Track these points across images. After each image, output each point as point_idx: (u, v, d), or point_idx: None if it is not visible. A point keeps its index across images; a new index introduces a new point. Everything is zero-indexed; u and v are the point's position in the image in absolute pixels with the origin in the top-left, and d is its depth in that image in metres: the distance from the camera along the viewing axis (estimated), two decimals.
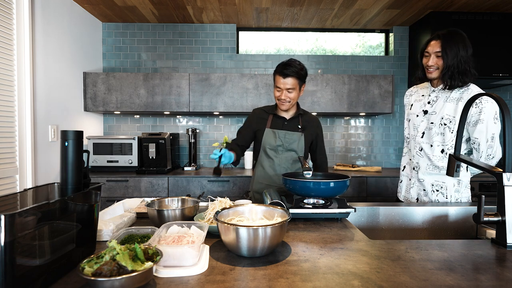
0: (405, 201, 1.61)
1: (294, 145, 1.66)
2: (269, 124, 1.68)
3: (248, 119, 1.75)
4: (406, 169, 1.62)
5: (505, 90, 3.31)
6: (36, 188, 0.78)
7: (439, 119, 1.43)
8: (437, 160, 1.45)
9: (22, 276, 0.56)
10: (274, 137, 1.65)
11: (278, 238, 0.81)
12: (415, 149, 1.53)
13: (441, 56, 1.38)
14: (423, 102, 1.52)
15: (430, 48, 1.42)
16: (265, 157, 1.69)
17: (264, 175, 1.69)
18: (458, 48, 1.36)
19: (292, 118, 1.70)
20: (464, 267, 0.76)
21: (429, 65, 1.43)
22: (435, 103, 1.47)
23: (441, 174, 1.45)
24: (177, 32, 3.24)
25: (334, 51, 3.42)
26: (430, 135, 1.46)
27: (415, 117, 1.54)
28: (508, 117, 0.90)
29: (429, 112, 1.48)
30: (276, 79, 1.59)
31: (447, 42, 1.37)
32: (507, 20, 2.86)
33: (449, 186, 1.45)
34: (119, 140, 2.80)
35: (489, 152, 1.36)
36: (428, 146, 1.47)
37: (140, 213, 1.22)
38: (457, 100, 1.41)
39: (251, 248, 0.78)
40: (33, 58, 2.15)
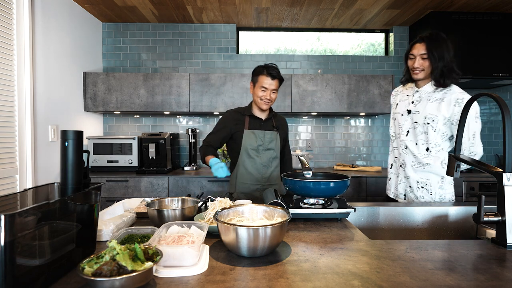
0: (394, 198, 1.66)
1: (272, 144, 1.77)
2: (247, 125, 1.75)
3: (224, 121, 1.76)
4: (393, 167, 1.66)
5: (505, 90, 3.31)
6: (36, 188, 0.78)
7: (423, 118, 1.47)
8: (422, 157, 1.50)
9: (22, 276, 0.56)
10: (254, 138, 1.73)
11: (278, 238, 0.81)
12: (401, 147, 1.58)
13: (427, 58, 1.43)
14: (408, 101, 1.57)
15: (415, 51, 1.46)
16: (246, 157, 1.75)
17: (247, 175, 1.75)
18: (443, 49, 1.41)
19: (267, 119, 1.80)
20: (464, 267, 0.76)
21: (415, 67, 1.47)
22: (419, 103, 1.51)
23: (426, 171, 1.50)
24: (177, 32, 3.24)
25: (334, 51, 3.42)
26: (415, 133, 1.51)
27: (400, 116, 1.59)
28: (508, 117, 0.90)
29: (413, 111, 1.53)
30: (262, 80, 1.66)
31: (432, 44, 1.42)
32: (507, 20, 2.86)
33: (434, 183, 1.50)
34: (119, 140, 2.80)
35: (471, 150, 1.42)
36: (413, 144, 1.52)
37: (140, 213, 1.22)
38: (439, 100, 1.45)
39: (251, 248, 0.78)
40: (33, 58, 2.15)
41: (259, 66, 1.70)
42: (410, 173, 1.54)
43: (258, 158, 1.74)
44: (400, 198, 1.62)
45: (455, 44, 2.85)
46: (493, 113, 3.33)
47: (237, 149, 1.76)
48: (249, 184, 1.75)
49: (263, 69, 1.66)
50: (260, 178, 1.75)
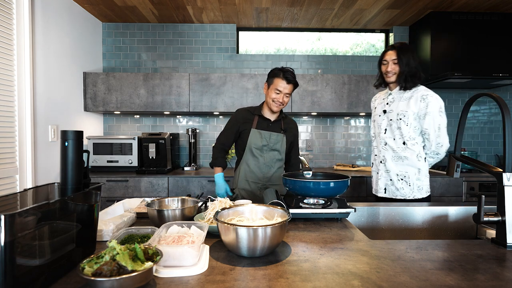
0: (375, 193, 1.81)
1: (278, 145, 1.77)
2: (255, 125, 1.77)
3: (234, 119, 1.81)
4: (375, 164, 1.83)
5: (505, 90, 3.31)
6: (36, 188, 0.78)
7: (396, 115, 1.67)
8: (400, 151, 1.67)
9: (22, 276, 0.56)
10: (260, 137, 1.75)
11: (278, 238, 0.81)
12: (381, 144, 1.76)
13: (397, 63, 1.64)
14: (383, 104, 1.77)
15: (388, 57, 1.67)
16: (250, 155, 1.77)
17: (249, 173, 1.78)
18: (409, 57, 1.62)
19: (276, 121, 1.81)
20: (464, 267, 0.76)
21: (388, 71, 1.67)
22: (392, 103, 1.71)
23: (405, 164, 1.66)
24: (177, 32, 3.24)
25: (334, 51, 3.42)
26: (391, 130, 1.70)
27: (378, 117, 1.78)
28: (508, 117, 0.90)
29: (388, 111, 1.72)
30: (278, 82, 1.67)
31: (401, 51, 1.63)
32: (507, 20, 2.86)
33: (411, 175, 1.66)
34: (119, 140, 2.79)
35: (438, 141, 1.61)
36: (391, 140, 1.70)
37: (140, 213, 1.22)
38: (408, 98, 1.65)
39: (251, 248, 0.78)
40: (33, 58, 2.15)
41: (276, 69, 1.70)
42: (390, 167, 1.70)
43: (262, 158, 1.76)
44: (380, 193, 1.75)
45: (455, 44, 2.86)
46: (493, 113, 3.33)
47: (243, 146, 1.79)
48: (250, 181, 1.78)
49: (279, 72, 1.67)
50: (262, 177, 1.78)
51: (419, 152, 1.65)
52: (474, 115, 3.33)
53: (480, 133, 3.34)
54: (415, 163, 1.64)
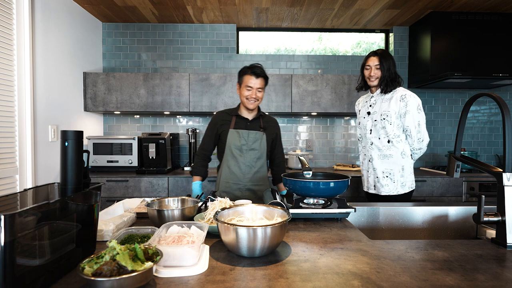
0: (366, 190, 1.89)
1: (256, 144, 1.76)
2: (233, 125, 1.77)
3: (212, 122, 1.82)
4: (364, 164, 1.91)
5: (505, 90, 3.31)
6: (36, 188, 0.78)
7: (379, 115, 1.78)
8: (385, 149, 1.78)
9: (22, 276, 0.56)
10: (238, 137, 1.74)
11: (278, 238, 0.81)
12: (367, 144, 1.85)
13: (379, 68, 1.76)
14: (366, 106, 1.88)
15: (371, 62, 1.79)
16: (230, 157, 1.76)
17: (230, 175, 1.76)
18: (390, 63, 1.76)
19: (254, 119, 1.80)
20: (464, 267, 0.76)
21: (371, 75, 1.79)
22: (375, 105, 1.83)
23: (390, 162, 1.77)
24: (177, 32, 3.23)
25: (334, 51, 3.42)
26: (376, 130, 1.80)
27: (363, 119, 1.89)
28: (508, 117, 0.90)
29: (371, 112, 1.83)
30: (246, 79, 1.69)
31: (383, 57, 1.75)
32: (507, 20, 2.86)
33: (396, 172, 1.77)
34: (119, 140, 2.79)
35: (418, 136, 1.73)
36: (376, 139, 1.80)
37: (140, 213, 1.22)
38: (389, 99, 1.77)
39: (251, 248, 0.78)
40: (33, 58, 2.15)
41: (244, 67, 1.73)
42: (377, 165, 1.80)
43: (241, 158, 1.74)
44: (371, 190, 1.85)
45: (455, 44, 2.86)
46: (493, 113, 3.33)
47: (223, 148, 1.78)
48: (231, 183, 1.75)
49: (247, 69, 1.69)
50: (242, 178, 1.75)
51: (403, 150, 1.76)
52: (474, 115, 3.33)
53: (480, 133, 3.34)
54: (399, 161, 1.76)
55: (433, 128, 3.32)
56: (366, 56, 1.83)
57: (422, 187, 2.65)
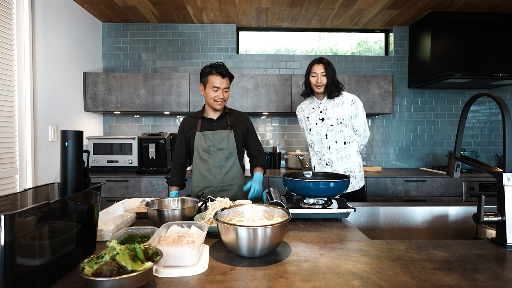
0: None
1: (224, 143, 1.71)
2: (199, 128, 1.73)
3: (179, 129, 1.79)
4: (317, 168, 1.99)
5: (505, 90, 3.31)
6: (36, 188, 0.78)
7: (335, 120, 1.88)
8: (343, 151, 1.89)
9: (22, 276, 0.56)
10: (204, 139, 1.70)
11: (278, 238, 0.81)
12: (323, 149, 1.92)
13: (325, 75, 1.85)
14: (316, 112, 1.94)
15: (317, 70, 1.86)
16: (199, 160, 1.72)
17: (200, 178, 1.72)
18: (332, 69, 1.87)
19: (219, 118, 1.75)
20: (464, 267, 0.76)
21: (318, 82, 1.85)
22: (326, 110, 1.91)
23: (349, 161, 1.90)
24: (177, 32, 3.23)
25: (334, 51, 3.42)
26: (333, 134, 1.89)
27: (315, 125, 1.94)
28: (508, 117, 0.90)
29: (325, 118, 1.90)
30: (212, 79, 1.63)
31: (327, 64, 1.86)
32: (507, 20, 2.86)
33: (355, 169, 1.90)
34: (119, 140, 2.79)
35: (365, 134, 1.94)
36: (333, 143, 1.90)
37: (140, 213, 1.22)
38: (340, 104, 1.89)
39: (251, 248, 0.78)
40: (33, 58, 2.15)
41: (206, 67, 1.67)
42: (337, 166, 1.90)
43: (210, 159, 1.70)
44: None
45: (455, 44, 2.86)
46: (493, 113, 3.33)
47: (192, 152, 1.75)
48: (202, 186, 1.71)
49: (211, 69, 1.64)
50: (213, 180, 1.70)
51: (356, 147, 1.92)
52: (474, 115, 3.33)
53: (480, 133, 3.34)
54: (356, 158, 1.91)
55: (433, 128, 3.32)
56: (311, 64, 1.90)
57: (422, 187, 2.65)
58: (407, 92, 3.30)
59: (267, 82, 2.89)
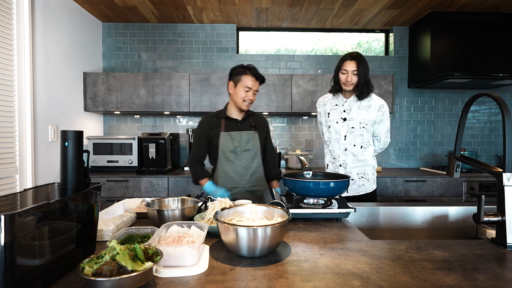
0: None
1: (250, 144, 1.71)
2: (223, 128, 1.70)
3: (200, 129, 1.75)
4: (330, 167, 1.92)
5: (505, 90, 3.31)
6: (36, 188, 0.78)
7: (358, 123, 1.78)
8: (360, 155, 1.81)
9: (22, 276, 0.56)
10: (230, 140, 1.68)
11: (278, 238, 0.81)
12: (339, 150, 1.84)
13: (356, 74, 1.71)
14: (339, 111, 1.84)
15: (348, 67, 1.72)
16: (224, 161, 1.70)
17: (227, 179, 1.71)
18: (366, 67, 1.72)
19: (244, 119, 1.76)
20: (464, 267, 0.76)
21: (347, 81, 1.73)
22: (350, 111, 1.80)
23: (364, 165, 1.83)
24: (177, 32, 3.23)
25: (334, 51, 3.42)
26: (352, 137, 1.80)
27: (335, 123, 1.84)
28: (508, 117, 0.90)
29: (348, 119, 1.81)
30: (245, 80, 1.64)
31: (360, 62, 1.70)
32: (507, 20, 2.86)
33: (369, 172, 1.85)
34: (119, 140, 2.79)
35: (385, 141, 1.87)
36: (351, 146, 1.81)
37: (140, 213, 1.22)
38: (367, 108, 1.78)
39: (251, 248, 0.78)
40: (33, 58, 2.15)
41: (239, 66, 1.67)
42: (351, 169, 1.83)
43: (237, 160, 1.69)
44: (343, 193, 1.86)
45: (455, 44, 2.86)
46: (493, 113, 3.33)
47: (215, 153, 1.72)
48: (229, 188, 1.69)
49: (245, 70, 1.64)
50: (240, 181, 1.70)
51: (372, 152, 1.86)
52: (474, 115, 3.33)
53: (480, 133, 3.34)
54: (371, 162, 1.85)
55: (433, 128, 3.32)
56: (342, 59, 1.76)
57: (422, 187, 2.65)
58: (407, 92, 3.30)
59: (267, 82, 2.89)
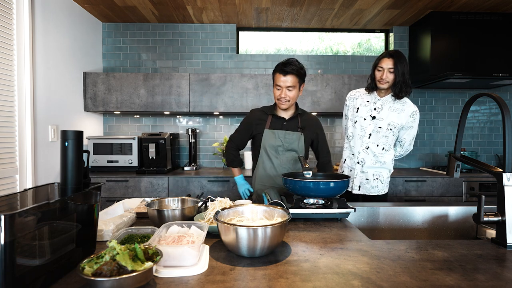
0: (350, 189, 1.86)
1: (294, 145, 1.66)
2: (268, 125, 1.67)
3: (247, 121, 1.74)
4: (347, 162, 1.88)
5: (505, 90, 3.31)
6: (36, 188, 0.78)
7: (386, 124, 1.73)
8: (380, 156, 1.78)
9: (22, 276, 0.56)
10: (274, 138, 1.65)
11: (278, 238, 0.81)
12: (361, 147, 1.79)
13: (393, 72, 1.66)
14: (369, 108, 1.79)
15: (384, 65, 1.67)
16: (266, 158, 1.68)
17: (265, 176, 1.69)
18: (404, 66, 1.64)
19: (291, 118, 1.70)
20: (464, 267, 0.76)
21: (382, 78, 1.68)
22: (381, 110, 1.75)
23: (381, 167, 1.80)
24: (177, 32, 3.23)
25: (334, 51, 3.42)
26: (377, 136, 1.76)
27: (363, 120, 1.79)
28: (508, 117, 0.90)
29: (377, 117, 1.75)
30: (276, 78, 1.60)
31: (398, 60, 1.64)
32: (507, 20, 2.86)
33: (384, 175, 1.82)
34: (119, 140, 2.79)
35: (408, 148, 1.84)
36: (374, 146, 1.77)
37: (140, 213, 1.22)
38: (399, 111, 1.73)
39: (251, 248, 0.78)
40: (33, 58, 2.15)
41: (277, 64, 1.63)
42: (368, 169, 1.80)
43: (277, 159, 1.65)
44: (355, 190, 1.84)
45: (455, 44, 2.86)
46: (493, 113, 3.33)
47: (258, 148, 1.71)
48: (267, 186, 1.66)
49: (277, 66, 1.60)
50: (279, 180, 1.66)
51: (392, 156, 1.82)
52: (474, 115, 3.33)
53: (480, 133, 3.34)
54: (389, 166, 1.82)
55: (433, 128, 3.32)
56: (380, 56, 1.71)
57: (422, 187, 2.65)
58: None
59: (267, 82, 2.89)
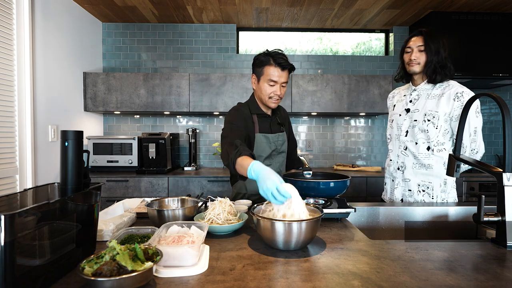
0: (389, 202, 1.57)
1: (284, 147, 1.55)
2: (257, 128, 1.47)
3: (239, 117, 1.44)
4: (388, 170, 1.59)
5: (505, 90, 3.31)
6: (36, 188, 0.78)
7: (422, 115, 1.42)
8: (423, 158, 1.43)
9: (22, 276, 0.56)
10: (268, 144, 1.47)
11: (312, 233, 0.86)
12: (399, 149, 1.51)
13: (423, 50, 1.40)
14: (405, 101, 1.52)
15: (412, 43, 1.43)
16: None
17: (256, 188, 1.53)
18: (439, 44, 1.39)
19: (272, 115, 1.53)
20: (464, 267, 0.76)
21: (411, 59, 1.43)
22: (417, 101, 1.46)
23: (428, 174, 1.43)
24: (177, 32, 3.23)
25: (334, 51, 3.42)
26: (413, 133, 1.45)
27: (398, 116, 1.53)
28: (508, 117, 0.90)
29: (411, 110, 1.47)
30: (269, 71, 1.35)
31: (429, 37, 1.39)
32: (507, 20, 2.86)
33: (436, 186, 1.43)
34: (119, 140, 2.79)
35: (472, 147, 1.36)
36: (412, 144, 1.45)
37: (140, 213, 1.22)
38: (438, 96, 1.40)
39: (286, 241, 0.83)
40: (33, 58, 2.15)
41: (262, 54, 1.38)
42: (410, 175, 1.47)
43: (272, 165, 1.49)
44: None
45: (455, 44, 2.86)
46: (493, 113, 3.33)
47: None
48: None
49: (268, 58, 1.35)
50: None
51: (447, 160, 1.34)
52: None
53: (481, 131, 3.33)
54: (441, 173, 1.40)
55: None
56: (408, 36, 1.46)
57: None
58: None
59: None
